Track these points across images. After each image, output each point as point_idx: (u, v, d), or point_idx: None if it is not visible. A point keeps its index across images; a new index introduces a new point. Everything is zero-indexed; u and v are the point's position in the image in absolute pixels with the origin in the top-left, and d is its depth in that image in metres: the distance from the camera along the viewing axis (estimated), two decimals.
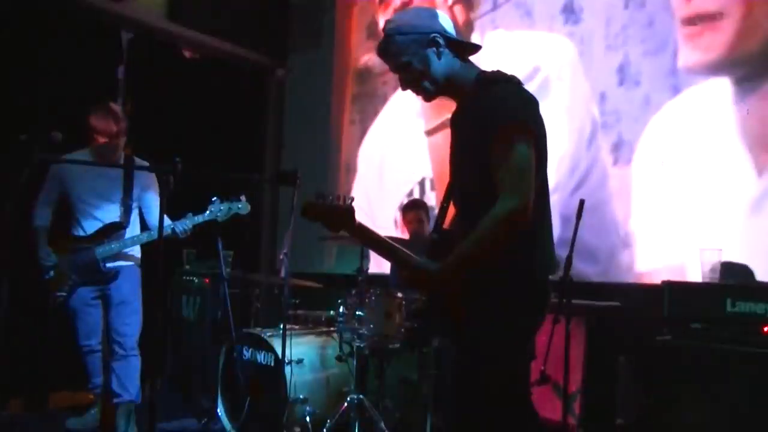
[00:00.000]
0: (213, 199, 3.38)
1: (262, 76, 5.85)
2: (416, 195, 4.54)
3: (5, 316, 2.24)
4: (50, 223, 3.43)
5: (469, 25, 4.42)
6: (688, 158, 3.42)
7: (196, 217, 3.36)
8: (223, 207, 3.37)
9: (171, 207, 3.32)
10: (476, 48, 2.05)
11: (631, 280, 3.61)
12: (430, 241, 2.06)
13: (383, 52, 2.00)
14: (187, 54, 5.20)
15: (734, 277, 2.91)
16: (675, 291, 2.89)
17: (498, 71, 1.99)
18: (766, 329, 2.59)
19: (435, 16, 1.98)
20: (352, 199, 1.97)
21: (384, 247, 2.02)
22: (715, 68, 3.33)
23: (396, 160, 4.76)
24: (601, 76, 3.75)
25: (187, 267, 4.48)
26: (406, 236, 4.05)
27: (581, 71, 3.84)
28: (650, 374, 2.95)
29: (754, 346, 2.58)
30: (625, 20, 3.66)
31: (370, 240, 2.03)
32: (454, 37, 1.98)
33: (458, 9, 4.50)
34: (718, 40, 3.30)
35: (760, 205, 3.16)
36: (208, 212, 3.36)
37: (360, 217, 2.04)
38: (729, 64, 3.29)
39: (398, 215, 4.58)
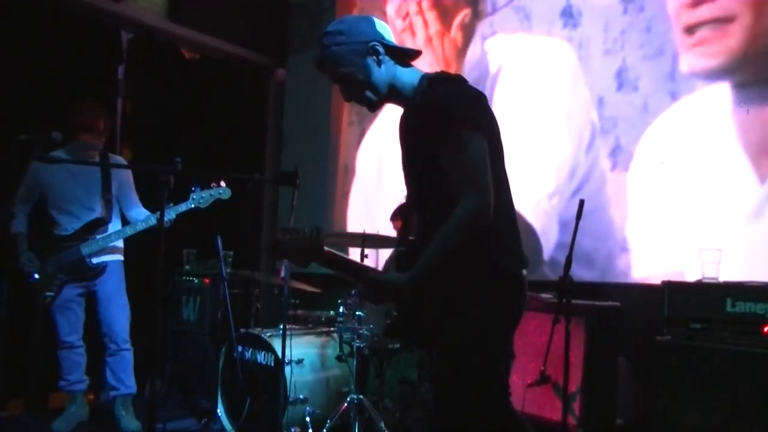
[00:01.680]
0: (193, 188, 3.38)
1: (262, 76, 5.85)
2: None
3: (5, 316, 2.24)
4: (28, 227, 3.46)
5: (470, 29, 4.40)
6: (687, 164, 3.42)
7: (178, 206, 3.35)
8: (204, 194, 3.37)
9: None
10: (417, 53, 2.03)
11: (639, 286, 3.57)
12: (396, 254, 2.03)
13: (321, 64, 1.96)
14: (187, 54, 5.20)
15: None
16: (675, 291, 2.89)
17: (442, 72, 1.98)
18: (766, 329, 2.59)
19: (372, 23, 1.95)
20: (319, 230, 1.89)
21: (353, 270, 1.97)
22: (721, 73, 3.31)
23: (394, 161, 4.74)
24: (600, 81, 3.74)
25: (187, 267, 4.47)
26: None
27: (580, 76, 3.83)
28: (650, 374, 2.95)
29: (754, 346, 2.59)
30: (623, 25, 3.65)
31: (341, 266, 1.96)
32: (392, 44, 1.95)
33: (463, 13, 4.49)
34: (726, 45, 3.26)
35: (762, 211, 3.15)
36: (190, 200, 3.36)
37: (359, 218, 2.03)
38: (734, 69, 3.26)
39: None
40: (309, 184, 3.80)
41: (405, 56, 1.98)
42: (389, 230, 4.53)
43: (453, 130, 1.79)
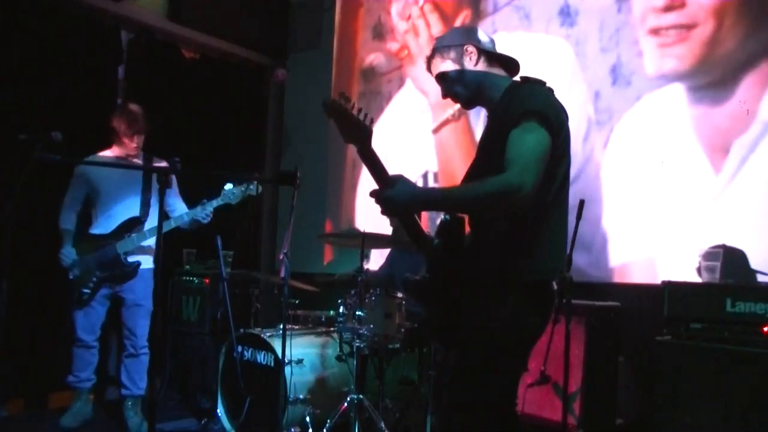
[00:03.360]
0: (226, 186, 3.48)
1: (262, 76, 5.85)
2: None
3: (5, 316, 2.24)
4: (76, 226, 3.58)
5: None
6: (659, 156, 3.57)
7: (212, 202, 3.46)
8: (236, 191, 3.46)
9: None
10: (512, 61, 2.14)
11: (619, 268, 3.68)
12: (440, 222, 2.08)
13: (428, 66, 2.16)
14: (187, 54, 5.20)
15: (734, 263, 2.92)
16: (675, 291, 2.88)
17: (530, 76, 2.06)
18: (766, 329, 2.59)
19: (473, 31, 2.14)
20: (372, 121, 1.95)
21: (379, 175, 1.97)
22: (683, 76, 3.49)
23: (400, 154, 4.87)
24: (596, 76, 3.88)
25: (187, 267, 4.48)
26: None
27: (577, 71, 3.97)
28: (650, 374, 2.95)
29: (754, 346, 2.58)
30: (618, 23, 3.79)
31: (373, 165, 1.97)
32: (488, 49, 2.10)
33: (464, 14, 4.59)
34: (690, 50, 3.47)
35: (719, 199, 3.34)
36: (221, 195, 3.46)
37: (366, 210, 2.05)
38: (695, 73, 3.46)
39: None
40: (309, 184, 3.81)
41: (502, 63, 2.12)
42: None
43: (522, 117, 1.85)
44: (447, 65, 2.08)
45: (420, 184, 4.66)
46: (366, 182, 5.10)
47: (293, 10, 5.86)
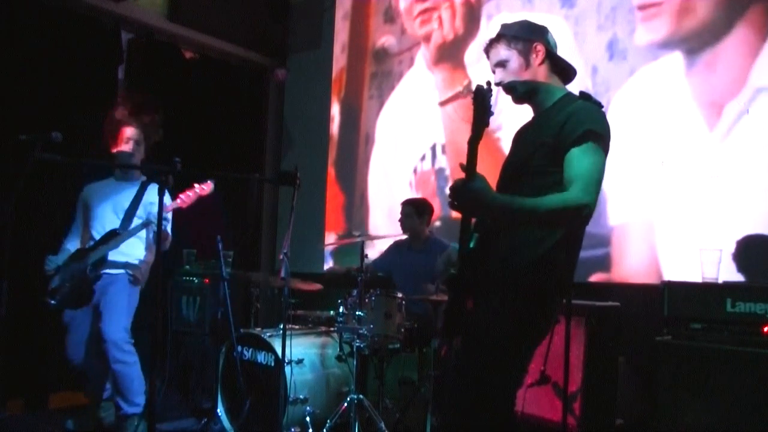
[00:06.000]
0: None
1: (262, 76, 5.85)
2: (428, 159, 4.84)
3: (5, 316, 2.24)
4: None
5: (477, 11, 4.72)
6: (656, 122, 3.74)
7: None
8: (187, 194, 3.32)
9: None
10: (572, 71, 2.17)
11: (619, 227, 3.79)
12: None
13: (490, 48, 2.15)
14: (187, 54, 5.20)
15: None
16: (675, 291, 2.88)
17: (589, 94, 2.10)
18: (766, 329, 2.59)
19: (545, 30, 2.15)
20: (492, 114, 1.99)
21: (471, 169, 1.94)
22: (665, 45, 3.76)
23: (410, 129, 5.03)
24: (593, 52, 4.11)
25: (187, 267, 4.47)
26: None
27: (576, 48, 4.20)
28: (650, 374, 2.95)
29: (754, 346, 2.58)
30: (613, 3, 4.05)
31: (472, 155, 1.94)
32: (555, 53, 2.12)
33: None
34: (663, 21, 3.76)
35: (713, 158, 3.50)
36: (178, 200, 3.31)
37: (378, 180, 2.06)
38: (677, 41, 3.72)
39: (413, 178, 4.88)
40: (308, 183, 3.82)
41: (562, 71, 2.15)
42: (404, 190, 4.84)
43: (589, 137, 1.91)
44: (511, 55, 2.09)
45: (429, 156, 4.84)
46: (378, 155, 5.25)
47: (293, 10, 5.86)
